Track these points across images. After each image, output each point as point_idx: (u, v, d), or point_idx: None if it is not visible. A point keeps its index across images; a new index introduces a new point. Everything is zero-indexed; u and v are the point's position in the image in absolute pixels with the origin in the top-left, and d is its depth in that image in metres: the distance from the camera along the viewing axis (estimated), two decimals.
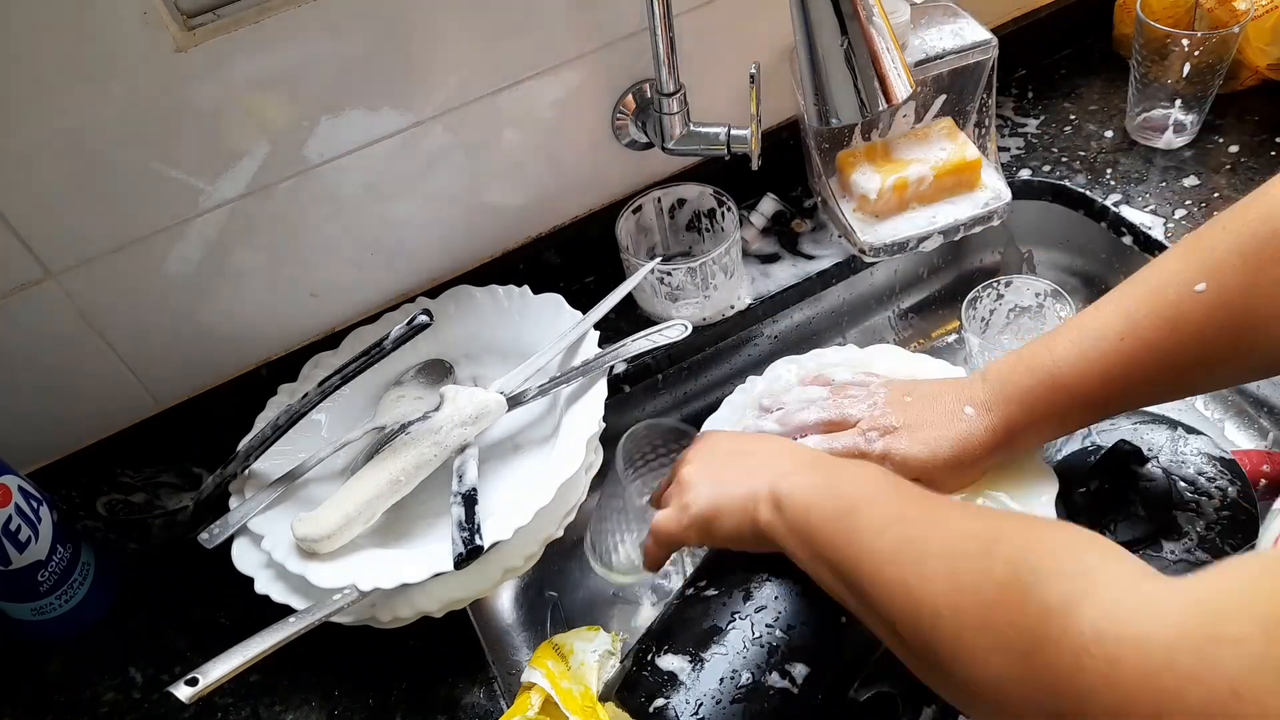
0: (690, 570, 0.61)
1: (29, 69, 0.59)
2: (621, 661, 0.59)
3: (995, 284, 0.81)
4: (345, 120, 0.71)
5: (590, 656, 0.61)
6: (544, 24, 0.74)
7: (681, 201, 0.88)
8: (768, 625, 0.52)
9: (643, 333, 0.75)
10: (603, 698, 0.59)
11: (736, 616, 0.53)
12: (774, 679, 0.51)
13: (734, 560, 0.57)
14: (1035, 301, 0.81)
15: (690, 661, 0.52)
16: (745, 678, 0.51)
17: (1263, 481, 0.71)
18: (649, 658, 0.53)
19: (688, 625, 0.54)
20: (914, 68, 0.83)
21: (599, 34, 0.77)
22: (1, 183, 0.63)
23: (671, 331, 0.75)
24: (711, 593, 0.55)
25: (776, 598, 0.53)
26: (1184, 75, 0.86)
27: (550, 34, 0.75)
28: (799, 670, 0.51)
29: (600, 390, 0.70)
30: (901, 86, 0.63)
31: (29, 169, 0.63)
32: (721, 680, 0.51)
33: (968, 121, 0.91)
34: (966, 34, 0.85)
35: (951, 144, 0.89)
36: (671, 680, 0.51)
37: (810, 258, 0.89)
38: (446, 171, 0.78)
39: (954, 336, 0.98)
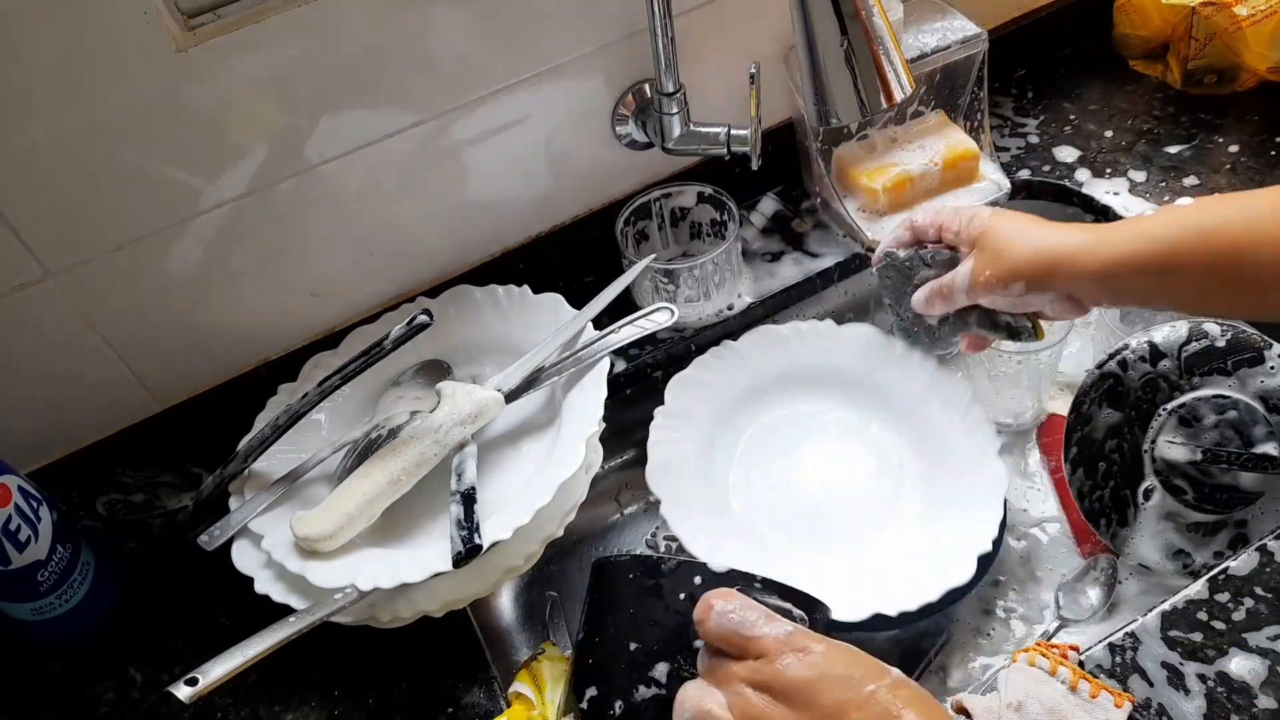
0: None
1: (29, 69, 0.60)
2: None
3: None
4: (345, 120, 0.71)
5: (557, 694, 0.63)
6: (543, 24, 0.74)
7: (684, 210, 0.88)
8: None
9: (628, 318, 0.75)
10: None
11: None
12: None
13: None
14: None
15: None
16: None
17: None
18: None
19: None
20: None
21: (599, 34, 0.77)
22: (1, 183, 0.63)
23: (658, 316, 0.75)
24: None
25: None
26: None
27: (550, 34, 0.75)
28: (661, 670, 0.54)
29: (601, 390, 0.70)
30: (902, 86, 0.63)
31: (29, 169, 0.63)
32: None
33: (961, 115, 0.92)
34: (956, 30, 0.87)
35: (947, 138, 0.89)
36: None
37: (815, 255, 0.89)
38: (446, 171, 0.78)
39: None
